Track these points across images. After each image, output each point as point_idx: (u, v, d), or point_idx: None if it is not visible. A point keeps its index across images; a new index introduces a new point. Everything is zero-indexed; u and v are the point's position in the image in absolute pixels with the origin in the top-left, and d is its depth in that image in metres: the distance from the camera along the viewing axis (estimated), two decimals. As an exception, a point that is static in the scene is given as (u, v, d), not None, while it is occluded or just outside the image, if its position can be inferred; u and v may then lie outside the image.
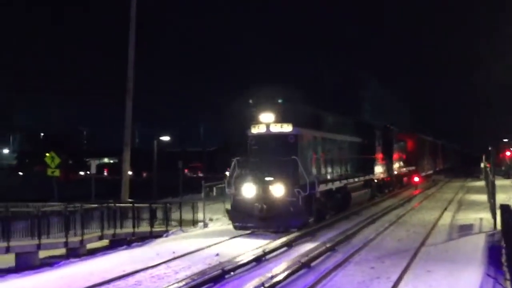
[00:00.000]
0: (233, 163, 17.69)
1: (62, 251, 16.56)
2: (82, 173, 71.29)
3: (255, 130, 17.77)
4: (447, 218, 20.37)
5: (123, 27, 24.32)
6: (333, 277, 11.08)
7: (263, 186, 16.93)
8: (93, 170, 25.26)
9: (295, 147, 17.37)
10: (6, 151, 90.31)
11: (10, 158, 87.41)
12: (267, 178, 17.13)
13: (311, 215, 17.23)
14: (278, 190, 16.63)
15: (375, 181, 27.79)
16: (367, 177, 25.34)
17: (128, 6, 23.70)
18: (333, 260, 12.60)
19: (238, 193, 17.26)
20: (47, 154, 22.26)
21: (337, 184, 20.04)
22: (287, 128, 17.37)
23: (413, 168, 42.51)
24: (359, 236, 16.05)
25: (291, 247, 14.45)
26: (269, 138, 17.48)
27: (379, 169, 28.20)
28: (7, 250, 15.03)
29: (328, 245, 14.08)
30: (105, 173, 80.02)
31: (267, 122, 17.46)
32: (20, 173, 72.57)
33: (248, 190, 16.98)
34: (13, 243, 15.11)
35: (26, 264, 14.95)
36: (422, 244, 14.60)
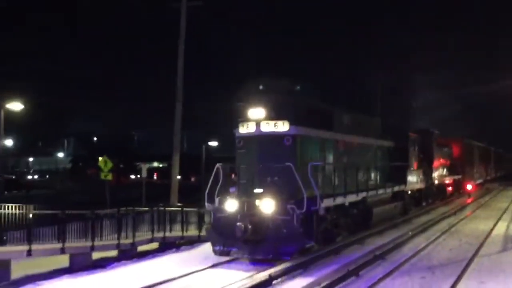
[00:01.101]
0: (214, 171, 14.16)
1: (114, 252, 16.86)
2: (133, 176, 70.98)
3: (243, 129, 14.21)
4: (501, 228, 19.78)
5: (174, 34, 24.53)
6: None
7: (249, 201, 13.34)
8: (144, 174, 25.77)
9: (292, 150, 13.69)
10: (61, 155, 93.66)
11: (65, 161, 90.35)
12: (256, 190, 13.55)
13: (312, 238, 13.42)
14: (267, 205, 12.97)
15: (409, 192, 23.61)
16: (397, 188, 21.25)
17: (178, 16, 23.87)
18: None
19: (219, 208, 13.72)
20: (100, 159, 22.85)
21: (351, 197, 16.13)
22: (283, 126, 13.72)
23: (459, 176, 37.82)
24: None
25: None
26: (260, 139, 13.85)
27: (413, 179, 23.98)
28: (62, 251, 15.48)
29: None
30: (155, 177, 79.59)
31: (257, 119, 13.85)
32: (74, 177, 73.40)
33: (231, 205, 13.42)
34: (68, 245, 15.56)
35: (79, 264, 15.34)
36: (475, 254, 14.13)
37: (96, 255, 16.36)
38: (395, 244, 15.39)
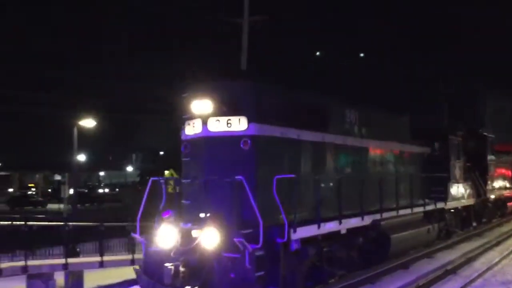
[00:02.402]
0: (147, 188, 10.27)
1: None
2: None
3: (189, 130, 10.32)
4: None
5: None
6: None
7: (186, 231, 9.39)
8: None
9: (250, 158, 9.64)
10: (130, 169, 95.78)
11: (134, 175, 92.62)
12: (202, 215, 9.60)
13: (276, 285, 9.27)
14: (209, 238, 8.98)
15: (451, 211, 18.79)
16: (431, 206, 16.57)
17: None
18: None
19: (150, 240, 9.85)
20: (166, 172, 21.60)
21: (352, 222, 11.79)
22: (239, 125, 9.72)
23: (524, 189, 32.08)
24: None
25: None
26: (207, 143, 9.91)
27: (457, 193, 19.13)
28: (132, 262, 15.81)
29: None
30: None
31: (203, 115, 9.92)
32: (142, 189, 75.48)
33: (163, 237, 9.51)
34: (137, 256, 15.58)
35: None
36: None
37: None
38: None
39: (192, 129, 10.14)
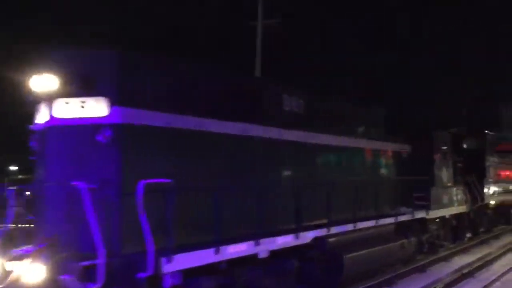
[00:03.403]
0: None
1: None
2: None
3: (39, 118, 7.54)
4: None
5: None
6: None
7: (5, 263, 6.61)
8: None
9: (110, 156, 6.84)
10: None
11: None
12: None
13: None
14: (28, 274, 6.19)
15: (436, 220, 15.74)
16: (406, 217, 13.57)
17: None
18: None
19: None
20: None
21: (280, 242, 8.85)
22: (96, 108, 6.92)
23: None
24: None
25: None
26: (52, 133, 7.12)
27: (445, 199, 16.11)
28: None
29: None
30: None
31: (47, 96, 7.12)
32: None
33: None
34: None
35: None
36: None
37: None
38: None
39: (40, 116, 7.35)
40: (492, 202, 21.49)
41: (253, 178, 8.84)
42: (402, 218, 13.22)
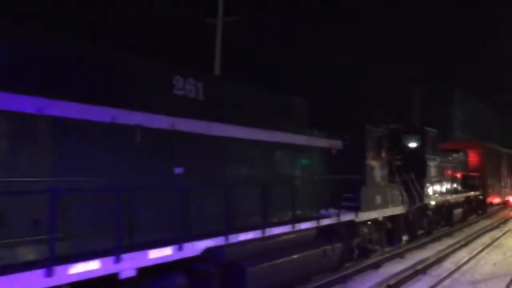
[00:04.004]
0: None
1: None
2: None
3: None
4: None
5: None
6: None
7: None
8: None
9: None
10: None
11: None
12: None
13: None
14: None
15: (368, 223, 14.38)
16: (330, 220, 12.08)
17: None
18: None
19: None
20: None
21: (154, 255, 7.06)
22: None
23: (476, 193, 28.29)
24: None
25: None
26: None
27: (379, 200, 14.78)
28: None
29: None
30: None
31: None
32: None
33: None
34: None
35: None
36: None
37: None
38: None
39: None
40: (433, 203, 20.45)
41: (120, 176, 7.08)
42: (326, 222, 11.72)
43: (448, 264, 14.73)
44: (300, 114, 12.24)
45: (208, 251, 7.98)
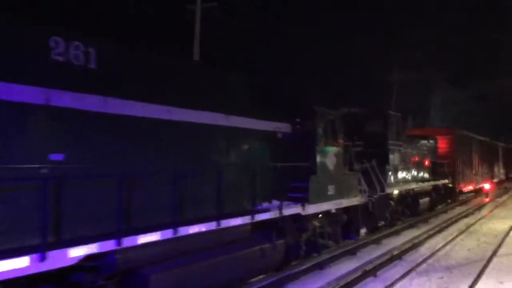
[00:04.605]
0: None
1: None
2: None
3: None
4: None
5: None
6: None
7: None
8: None
9: None
10: None
11: None
12: None
13: None
14: None
15: (319, 216, 12.88)
16: (269, 214, 10.49)
17: None
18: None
19: None
20: None
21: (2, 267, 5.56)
22: None
23: (445, 181, 27.14)
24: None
25: None
26: None
27: (331, 190, 13.26)
28: None
29: None
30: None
31: None
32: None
33: None
34: None
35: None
36: (494, 254, 13.84)
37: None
38: None
39: None
40: (396, 192, 19.10)
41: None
42: (263, 216, 10.15)
43: (424, 250, 14.84)
44: (239, 93, 10.62)
45: (92, 258, 6.33)
